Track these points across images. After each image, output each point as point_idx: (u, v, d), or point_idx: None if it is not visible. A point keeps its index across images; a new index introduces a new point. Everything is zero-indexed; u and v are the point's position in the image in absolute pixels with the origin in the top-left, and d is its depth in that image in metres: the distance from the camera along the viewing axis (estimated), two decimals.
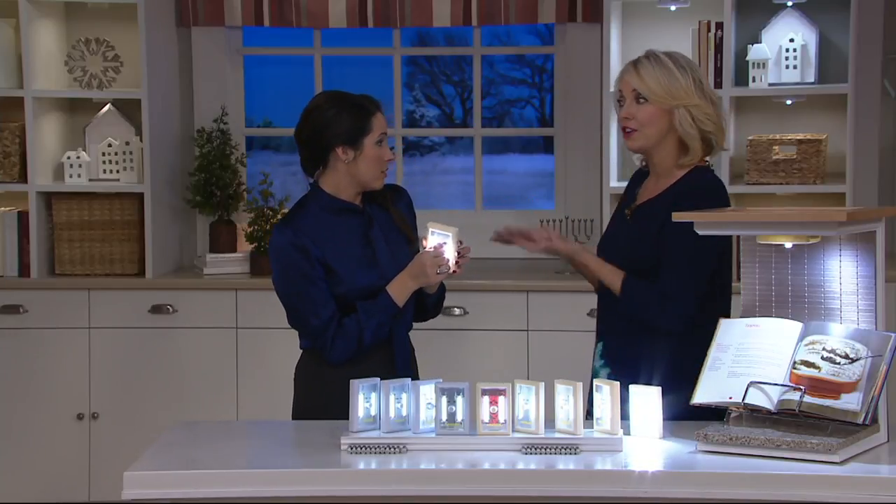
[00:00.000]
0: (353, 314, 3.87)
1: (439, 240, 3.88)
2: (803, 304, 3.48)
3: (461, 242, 3.92)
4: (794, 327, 3.40)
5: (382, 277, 3.92)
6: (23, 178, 5.91)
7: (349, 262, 3.90)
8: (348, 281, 3.88)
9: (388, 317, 3.90)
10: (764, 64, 5.62)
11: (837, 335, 3.34)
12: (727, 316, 3.55)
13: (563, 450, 3.31)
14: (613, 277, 3.77)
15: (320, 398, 3.93)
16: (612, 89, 5.74)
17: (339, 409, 3.65)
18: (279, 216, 5.59)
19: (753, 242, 3.51)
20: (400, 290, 3.90)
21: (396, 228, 4.02)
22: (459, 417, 3.36)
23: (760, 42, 5.68)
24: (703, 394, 3.39)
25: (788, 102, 5.78)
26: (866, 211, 3.39)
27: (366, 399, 3.41)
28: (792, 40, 5.63)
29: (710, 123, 3.72)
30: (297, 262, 3.85)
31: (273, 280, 3.93)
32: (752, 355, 3.37)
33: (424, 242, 3.92)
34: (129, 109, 6.04)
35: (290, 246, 3.84)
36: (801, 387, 3.28)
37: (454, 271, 3.92)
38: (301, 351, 4.02)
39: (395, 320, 3.94)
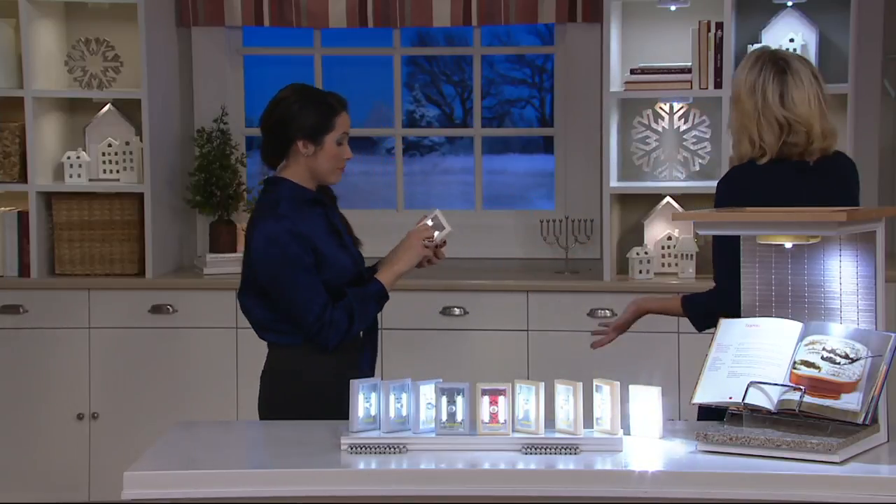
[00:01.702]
0: (344, 300, 3.92)
1: (435, 223, 4.08)
2: (803, 304, 3.48)
3: (444, 243, 4.08)
4: (794, 327, 3.40)
5: (355, 261, 4.02)
6: (23, 178, 5.91)
7: (330, 247, 3.96)
8: (335, 265, 3.94)
9: (379, 304, 3.99)
10: None
11: (837, 335, 3.34)
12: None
13: (563, 450, 3.31)
14: (674, 305, 3.98)
15: (291, 397, 3.97)
16: (612, 89, 5.74)
17: (314, 407, 3.80)
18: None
19: (753, 242, 3.51)
20: (390, 275, 4.01)
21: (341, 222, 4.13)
22: (459, 417, 3.36)
23: (760, 42, 5.67)
24: (703, 394, 3.39)
25: None
26: (866, 211, 3.39)
27: (366, 399, 3.41)
28: (792, 40, 5.63)
29: (734, 125, 3.81)
30: (295, 250, 3.87)
31: (264, 270, 3.90)
32: (752, 355, 3.37)
33: (427, 220, 4.08)
34: (129, 109, 6.05)
35: (288, 234, 3.86)
36: (801, 387, 3.28)
37: (433, 260, 4.07)
38: (268, 348, 4.05)
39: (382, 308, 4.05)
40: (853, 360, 3.28)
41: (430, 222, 4.08)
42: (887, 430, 3.37)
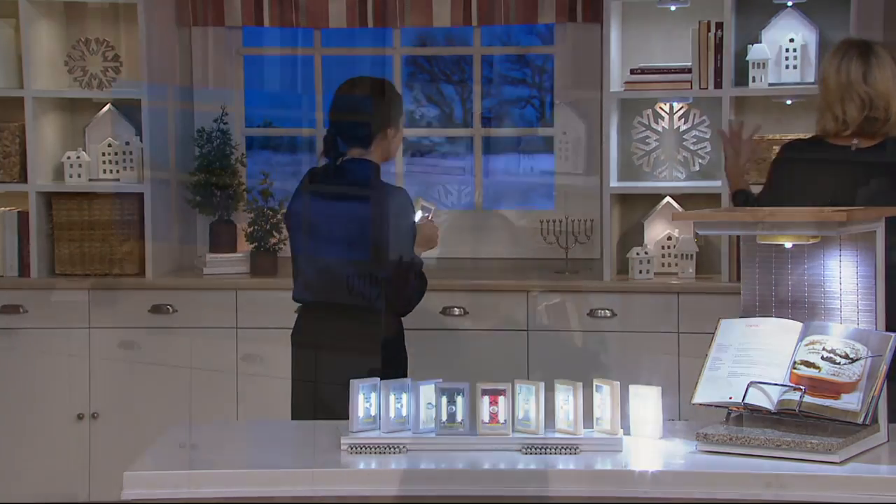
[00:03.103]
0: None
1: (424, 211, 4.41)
2: (803, 304, 3.48)
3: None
4: (794, 327, 3.40)
5: None
6: (23, 178, 5.91)
7: None
8: None
9: None
10: (764, 64, 5.62)
11: (837, 335, 3.34)
12: None
13: (563, 450, 3.31)
14: (735, 184, 4.43)
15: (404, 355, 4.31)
16: (612, 89, 5.74)
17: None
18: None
19: (753, 242, 3.51)
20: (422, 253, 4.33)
21: None
22: (459, 417, 3.36)
23: (760, 42, 5.67)
24: (703, 394, 3.39)
25: (788, 102, 5.78)
26: (866, 211, 3.39)
27: (366, 399, 3.41)
28: (792, 40, 5.63)
29: (819, 104, 4.22)
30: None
31: (399, 233, 4.17)
32: (752, 355, 3.38)
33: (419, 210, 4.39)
34: (129, 109, 6.04)
35: (411, 204, 4.25)
36: (801, 387, 3.28)
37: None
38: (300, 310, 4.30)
39: None
40: (853, 360, 3.28)
41: (427, 211, 4.41)
42: (887, 430, 3.37)
